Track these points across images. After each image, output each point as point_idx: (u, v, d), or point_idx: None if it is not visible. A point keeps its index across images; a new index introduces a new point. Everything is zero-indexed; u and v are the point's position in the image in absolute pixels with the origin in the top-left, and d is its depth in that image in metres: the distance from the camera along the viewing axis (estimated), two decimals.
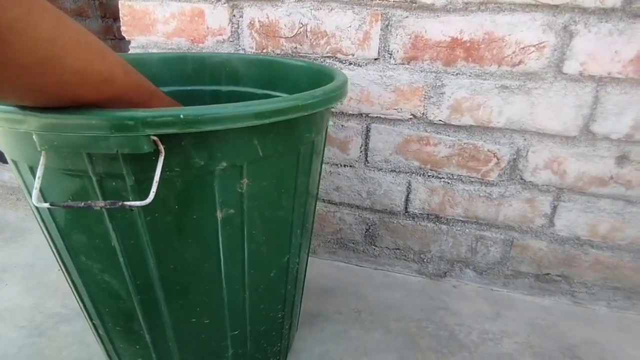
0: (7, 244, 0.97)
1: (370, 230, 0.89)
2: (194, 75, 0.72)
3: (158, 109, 0.32)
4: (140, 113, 0.31)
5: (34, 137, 0.32)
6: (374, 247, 0.90)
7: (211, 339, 0.50)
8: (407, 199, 0.84)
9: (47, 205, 0.32)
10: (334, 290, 0.85)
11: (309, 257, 0.94)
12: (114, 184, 0.36)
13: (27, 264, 0.90)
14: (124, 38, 0.86)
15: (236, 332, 0.51)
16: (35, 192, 0.32)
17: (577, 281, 0.82)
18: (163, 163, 0.34)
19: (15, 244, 0.97)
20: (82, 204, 0.32)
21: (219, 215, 0.41)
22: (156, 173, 0.33)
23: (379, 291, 0.85)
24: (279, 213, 0.47)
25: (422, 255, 0.88)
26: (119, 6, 0.83)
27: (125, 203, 0.32)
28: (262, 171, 0.41)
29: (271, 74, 0.69)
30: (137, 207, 0.32)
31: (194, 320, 0.47)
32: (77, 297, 0.49)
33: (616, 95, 0.67)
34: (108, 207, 0.32)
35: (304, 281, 0.66)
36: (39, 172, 0.33)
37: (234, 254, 0.44)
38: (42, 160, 0.33)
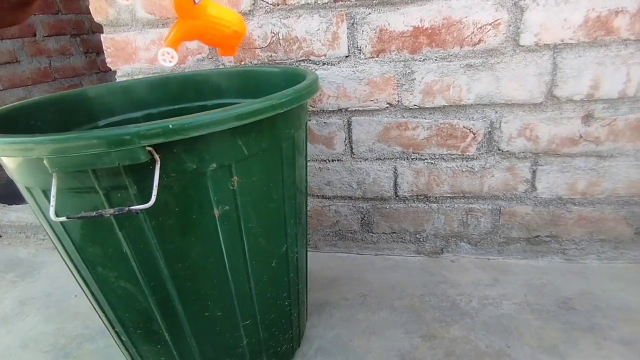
0: (23, 279, 1.01)
1: (365, 219, 0.93)
2: (179, 94, 0.77)
3: (150, 123, 0.37)
4: (134, 128, 0.36)
5: (44, 161, 0.36)
6: (371, 234, 0.94)
7: (226, 330, 0.54)
8: (395, 184, 0.88)
9: (63, 218, 0.36)
10: (338, 279, 0.89)
11: (312, 252, 0.99)
12: (119, 195, 0.41)
13: (44, 295, 0.94)
14: (108, 70, 0.91)
15: (248, 322, 0.55)
16: (51, 209, 0.36)
17: (566, 239, 0.86)
18: (160, 170, 0.38)
19: (30, 277, 1.01)
20: (94, 213, 0.36)
21: (216, 212, 0.45)
22: (154, 178, 0.37)
23: (382, 274, 0.89)
24: (271, 205, 0.51)
25: (417, 235, 0.92)
26: (102, 39, 0.88)
27: (131, 208, 0.37)
28: (249, 168, 0.46)
29: (251, 83, 0.73)
30: (142, 210, 0.37)
31: (207, 314, 0.51)
32: (98, 307, 0.54)
33: (572, 59, 0.72)
34: (117, 213, 0.37)
35: (306, 270, 0.70)
36: (53, 192, 0.37)
37: (235, 247, 0.48)
38: (54, 182, 0.38)
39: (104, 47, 0.89)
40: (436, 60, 0.76)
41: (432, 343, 0.70)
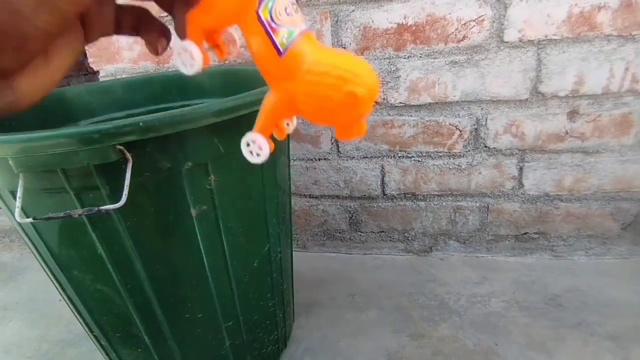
0: (6, 283, 0.99)
1: (353, 218, 0.92)
2: (163, 94, 0.76)
3: (120, 121, 0.36)
4: (104, 126, 0.35)
5: (9, 161, 0.35)
6: (359, 233, 0.94)
7: (207, 332, 0.53)
8: (382, 182, 0.87)
9: (30, 220, 0.35)
10: (327, 279, 0.88)
11: (300, 252, 0.98)
12: (91, 195, 0.40)
13: (28, 299, 0.92)
14: (97, 72, 0.90)
15: (230, 324, 0.54)
16: (17, 210, 0.35)
17: (554, 235, 0.86)
18: (132, 169, 0.37)
19: (14, 282, 0.99)
20: (62, 214, 0.35)
21: (193, 212, 0.44)
22: (126, 178, 0.36)
23: (370, 274, 0.89)
24: (251, 204, 0.50)
25: (406, 234, 0.92)
26: None
27: (101, 208, 0.36)
28: (226, 167, 0.45)
29: (234, 82, 0.72)
30: (112, 209, 0.36)
31: (187, 315, 0.50)
32: (76, 311, 0.52)
33: (556, 55, 0.71)
34: (86, 213, 0.35)
35: (291, 270, 0.70)
36: (19, 193, 0.36)
37: (214, 247, 0.47)
38: (20, 182, 0.36)
39: (86, 47, 0.87)
40: (421, 57, 0.76)
41: (420, 342, 0.69)
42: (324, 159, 0.88)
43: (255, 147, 0.25)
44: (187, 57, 0.22)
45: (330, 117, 0.23)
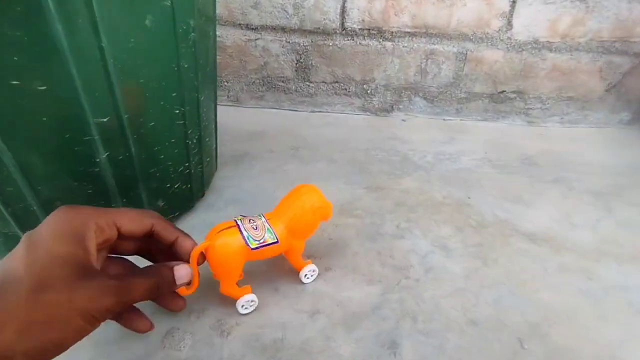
0: None
1: (302, 61, 0.72)
2: None
3: None
4: None
5: None
6: (308, 83, 0.75)
7: (69, 132, 0.32)
8: (343, 10, 0.67)
9: None
10: (265, 132, 0.70)
11: (232, 107, 0.77)
12: None
13: None
14: None
15: (105, 120, 0.34)
16: None
17: (532, 96, 0.74)
18: None
19: None
20: None
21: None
22: None
23: (319, 130, 0.72)
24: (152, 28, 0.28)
25: (365, 87, 0.74)
26: None
27: None
28: None
29: None
30: None
31: (37, 112, 0.29)
32: None
33: None
34: None
35: (215, 112, 0.50)
36: None
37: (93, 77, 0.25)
38: None
39: None
40: None
41: (379, 194, 0.55)
42: None
43: (310, 272, 0.41)
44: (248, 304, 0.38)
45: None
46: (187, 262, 0.33)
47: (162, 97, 0.38)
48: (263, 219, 0.37)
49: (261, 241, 0.36)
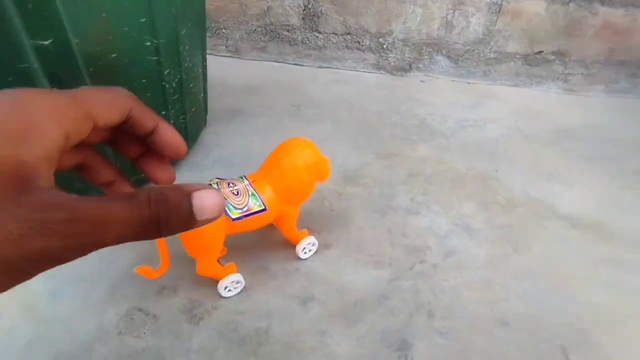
0: None
1: (310, 7, 0.63)
2: None
3: None
4: None
5: None
6: (316, 34, 0.65)
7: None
8: None
9: None
10: (264, 88, 0.61)
11: (230, 59, 0.68)
12: None
13: None
14: None
15: (46, 43, 0.26)
16: None
17: (575, 59, 0.64)
18: None
19: None
20: None
21: None
22: None
23: (326, 87, 0.63)
24: None
25: (380, 40, 0.65)
26: None
27: None
28: None
29: None
30: None
31: None
32: None
33: None
34: None
35: (203, 53, 0.41)
36: None
37: None
38: None
39: None
40: None
41: (391, 161, 0.47)
42: None
43: (309, 246, 0.34)
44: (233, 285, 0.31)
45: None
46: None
47: (126, 21, 0.30)
48: (246, 182, 0.29)
49: (244, 209, 0.28)
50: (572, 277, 0.34)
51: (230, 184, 0.29)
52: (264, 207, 0.29)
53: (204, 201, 0.17)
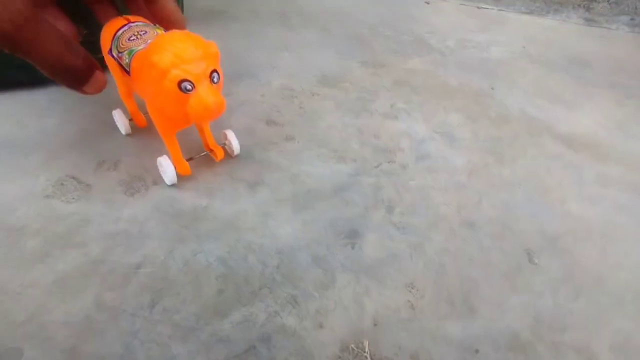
0: None
1: None
2: None
3: None
4: None
5: None
6: None
7: None
8: None
9: None
10: None
11: None
12: None
13: None
14: None
15: None
16: None
17: None
18: None
19: None
20: None
21: None
22: None
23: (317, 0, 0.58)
24: None
25: None
26: None
27: None
28: None
29: None
30: None
31: None
32: None
33: None
34: None
35: None
36: None
37: None
38: None
39: None
40: None
41: (377, 70, 0.43)
42: None
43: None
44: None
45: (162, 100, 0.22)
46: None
47: None
48: (157, 32, 0.25)
49: (121, 54, 0.25)
50: (555, 190, 0.31)
51: (144, 30, 0.25)
52: (127, 70, 0.24)
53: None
